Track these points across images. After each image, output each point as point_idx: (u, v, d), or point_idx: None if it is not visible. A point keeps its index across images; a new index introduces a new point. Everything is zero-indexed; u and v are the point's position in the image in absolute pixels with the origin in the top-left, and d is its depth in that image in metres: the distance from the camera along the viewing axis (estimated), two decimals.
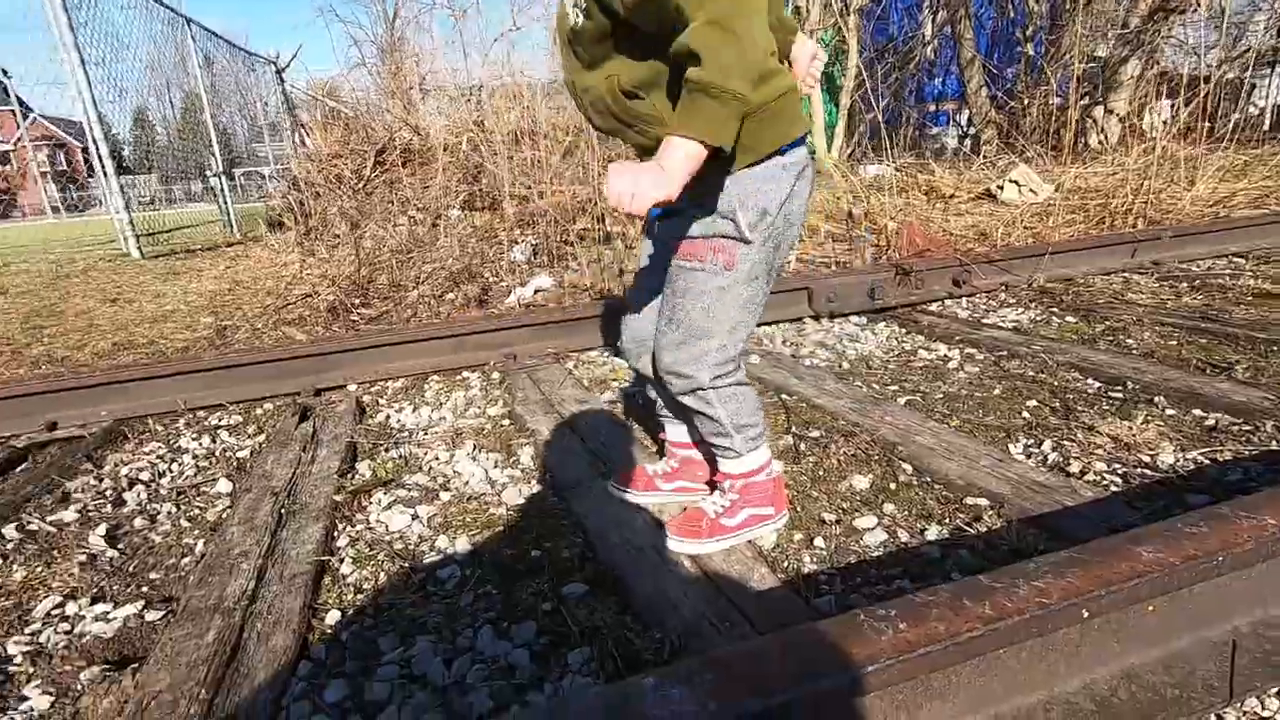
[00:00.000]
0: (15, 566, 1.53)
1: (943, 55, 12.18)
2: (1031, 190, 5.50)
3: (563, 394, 2.36)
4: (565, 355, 2.87)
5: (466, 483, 1.79)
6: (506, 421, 2.22)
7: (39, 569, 1.51)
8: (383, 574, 1.41)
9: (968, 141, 10.87)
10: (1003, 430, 1.85)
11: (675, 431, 1.54)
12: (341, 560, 1.46)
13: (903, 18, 11.75)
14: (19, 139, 44.47)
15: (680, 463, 1.56)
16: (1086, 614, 0.81)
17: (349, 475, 1.88)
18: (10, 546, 1.61)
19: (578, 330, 2.93)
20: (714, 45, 0.95)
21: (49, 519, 1.74)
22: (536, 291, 3.83)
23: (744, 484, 1.36)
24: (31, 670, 1.19)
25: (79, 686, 1.14)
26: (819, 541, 1.39)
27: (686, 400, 1.30)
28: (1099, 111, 8.65)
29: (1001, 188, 5.66)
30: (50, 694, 1.13)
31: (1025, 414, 1.94)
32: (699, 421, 1.34)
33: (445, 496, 1.73)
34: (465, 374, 2.75)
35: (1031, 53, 9.87)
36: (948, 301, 3.35)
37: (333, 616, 1.28)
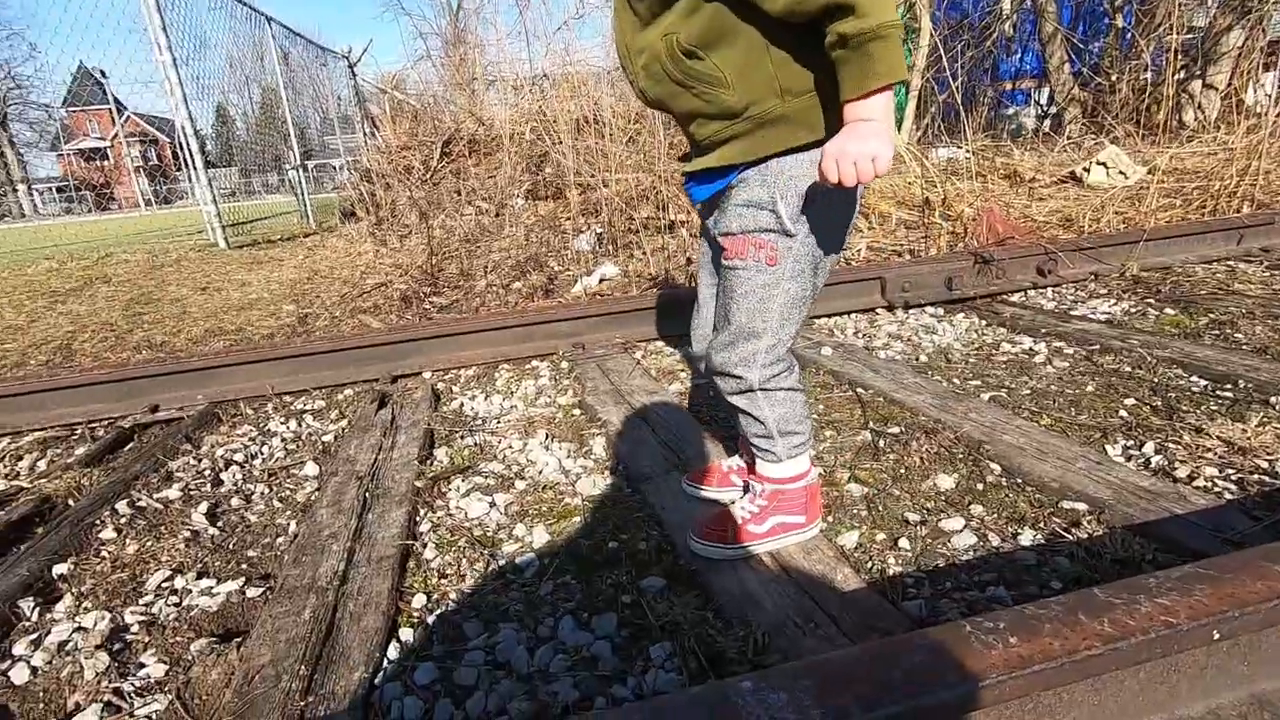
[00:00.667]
0: (128, 540, 1.64)
1: (1021, 30, 11.56)
2: (1121, 173, 5.18)
3: (632, 384, 2.36)
4: (633, 345, 2.87)
5: (541, 472, 1.82)
6: (577, 411, 2.24)
7: (149, 543, 1.61)
8: (464, 560, 1.44)
9: (1048, 121, 10.31)
10: (1098, 430, 1.75)
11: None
12: (425, 545, 1.51)
13: None
14: (115, 135, 47.37)
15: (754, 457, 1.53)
16: (1217, 636, 0.75)
17: (428, 461, 1.94)
18: (123, 521, 1.73)
19: (644, 320, 2.93)
20: None
21: (155, 496, 1.85)
22: (602, 280, 3.84)
23: (775, 489, 1.32)
24: (147, 640, 1.28)
25: (189, 657, 1.21)
26: (904, 543, 1.34)
27: (735, 400, 1.27)
28: (1196, 86, 8.05)
29: (1088, 170, 5.34)
30: (165, 663, 1.20)
31: (1123, 413, 1.83)
32: (744, 421, 1.29)
33: (520, 485, 1.75)
34: (535, 363, 2.79)
35: (1121, 24, 9.25)
36: (1031, 292, 3.19)
37: (419, 600, 1.32)
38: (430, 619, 1.26)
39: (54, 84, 47.09)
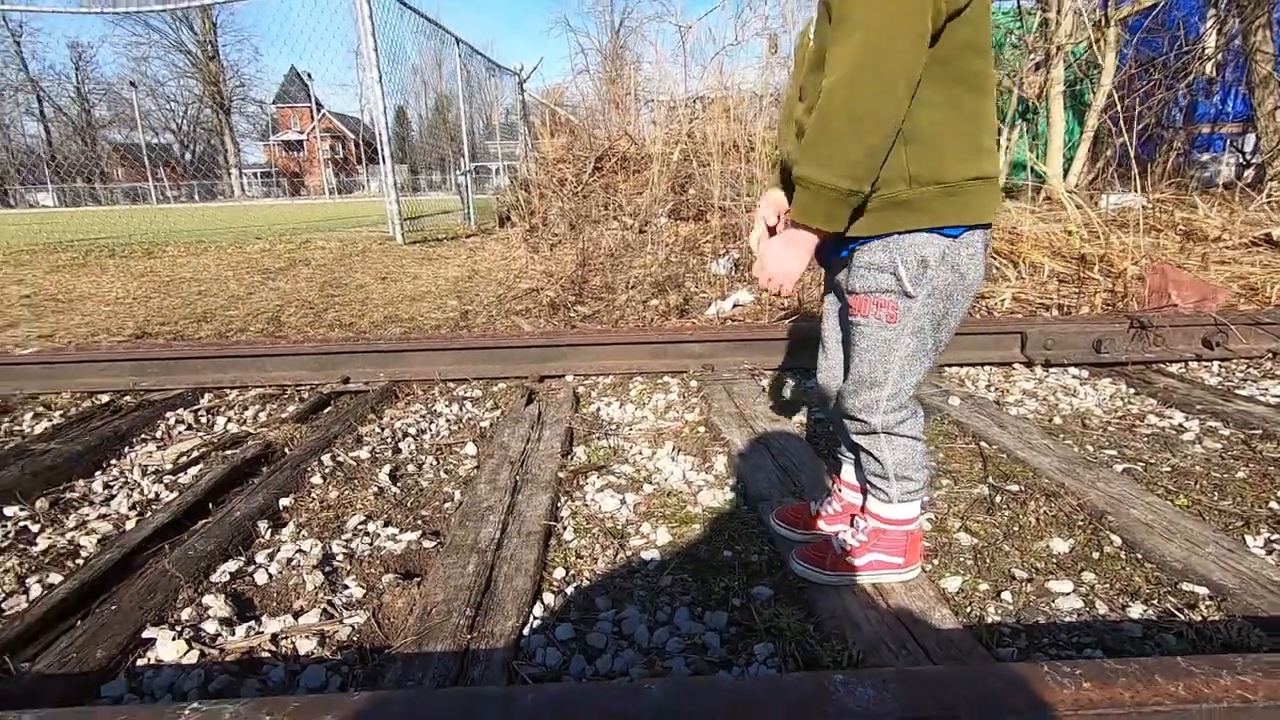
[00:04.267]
0: (331, 487, 2.01)
1: (1227, 70, 10.45)
2: None
3: (755, 409, 2.51)
4: (760, 372, 3.01)
5: (666, 479, 2.02)
6: (702, 429, 2.42)
7: (346, 492, 1.97)
8: (597, 546, 1.66)
9: (1249, 173, 9.25)
10: (1240, 518, 1.69)
11: (847, 471, 1.58)
12: (565, 528, 1.75)
13: (1176, 26, 10.26)
14: (312, 130, 53.57)
15: (844, 506, 1.59)
16: None
17: (568, 456, 2.20)
18: (327, 471, 2.11)
19: (773, 350, 3.07)
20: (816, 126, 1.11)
21: (350, 455, 2.24)
22: (735, 306, 4.01)
23: (879, 528, 1.40)
24: (349, 568, 1.60)
25: (380, 586, 1.52)
26: (1006, 595, 1.41)
27: (860, 440, 1.37)
28: None
29: None
30: (363, 588, 1.51)
31: (1275, 504, 1.75)
32: (865, 460, 1.39)
33: (648, 489, 1.96)
34: (666, 378, 3.00)
35: None
36: (1194, 364, 3.00)
37: (559, 573, 1.55)
38: (568, 590, 1.49)
39: (269, 84, 54.15)
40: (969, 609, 1.38)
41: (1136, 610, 1.35)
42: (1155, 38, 10.47)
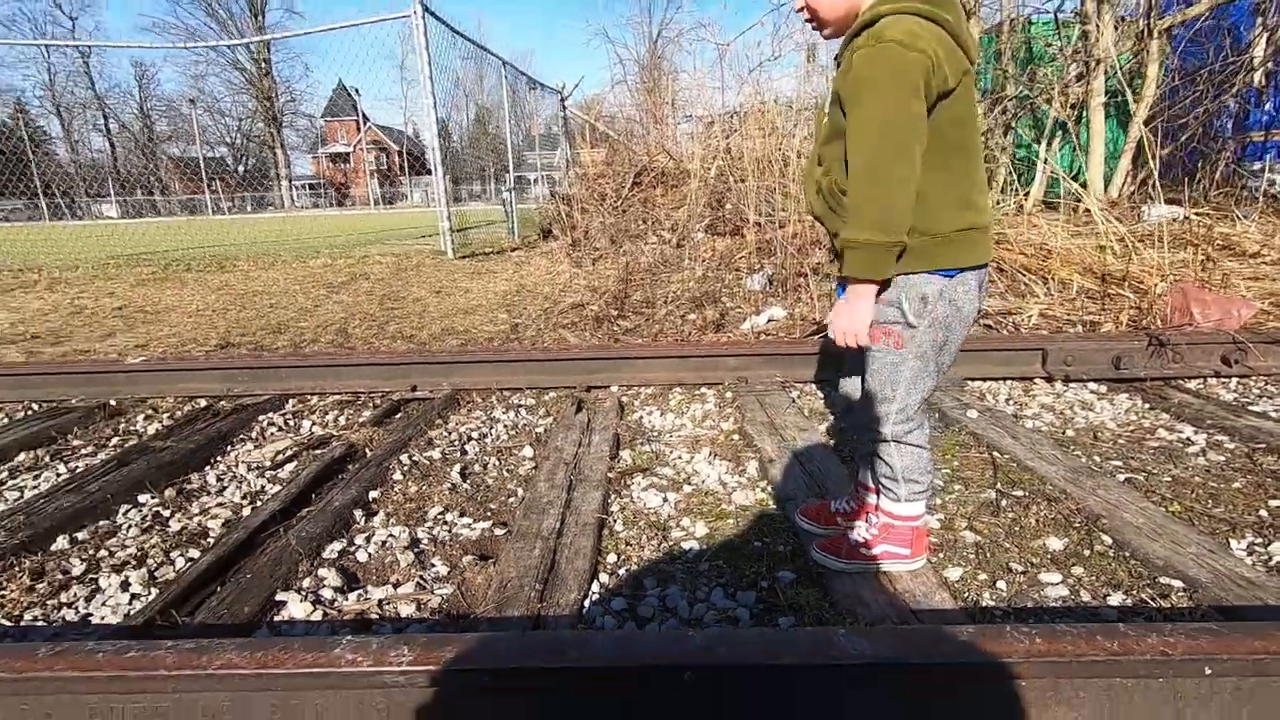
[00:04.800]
0: (410, 483, 2.31)
1: (1277, 78, 10.25)
2: None
3: (786, 419, 2.74)
4: (790, 385, 3.24)
5: (704, 481, 2.26)
6: (736, 436, 2.66)
7: (424, 487, 2.27)
8: (644, 537, 1.92)
9: None
10: (1228, 524, 1.86)
11: (864, 474, 1.76)
12: (615, 521, 2.01)
13: (1222, 35, 10.12)
14: (358, 143, 55.34)
15: (860, 504, 1.78)
16: (1209, 671, 1.01)
17: (616, 459, 2.46)
18: (405, 469, 2.42)
19: (803, 363, 3.29)
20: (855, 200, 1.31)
21: (423, 455, 2.54)
22: (769, 321, 4.23)
23: (887, 523, 1.61)
24: (433, 549, 1.89)
25: (461, 565, 1.79)
26: (1000, 584, 1.62)
27: (873, 447, 1.60)
28: None
29: None
30: (447, 566, 1.79)
31: (1263, 512, 1.92)
32: (877, 464, 1.60)
33: (687, 489, 2.21)
34: (703, 390, 3.25)
35: None
36: (1211, 380, 3.13)
37: (611, 558, 1.81)
38: (620, 572, 1.75)
39: (318, 98, 56.23)
40: (966, 594, 1.59)
41: (1116, 599, 1.54)
42: (1200, 47, 10.34)
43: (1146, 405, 2.85)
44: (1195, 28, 9.43)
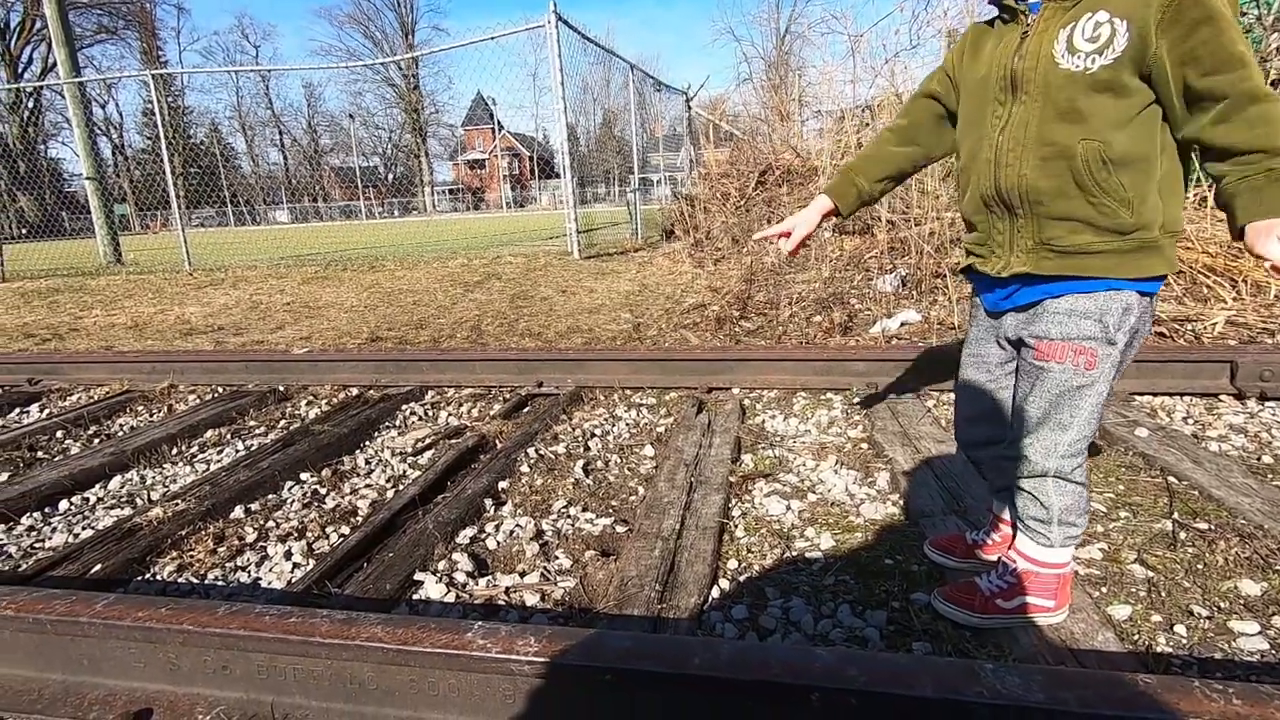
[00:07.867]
0: (536, 475, 2.39)
1: None
2: None
3: (920, 429, 2.57)
4: (925, 393, 3.04)
5: (830, 490, 2.17)
6: (865, 445, 2.53)
7: (549, 481, 2.34)
8: (766, 544, 1.87)
9: None
10: None
11: (1001, 507, 1.58)
12: (736, 526, 1.97)
13: None
14: (493, 149, 58.52)
15: (1003, 538, 1.59)
16: None
17: (737, 463, 2.41)
18: (532, 462, 2.50)
19: (939, 371, 3.07)
20: None
21: (549, 449, 2.62)
22: (902, 325, 4.00)
23: (1030, 570, 1.38)
24: (557, 542, 1.94)
25: (584, 560, 1.83)
26: (1180, 629, 1.42)
27: (1024, 483, 1.35)
28: None
29: None
30: (570, 559, 1.84)
31: None
32: (1025, 502, 1.36)
33: (812, 497, 2.13)
34: (829, 394, 3.12)
35: None
36: None
37: (732, 564, 1.78)
38: (741, 579, 1.71)
39: (458, 109, 60.01)
40: (1136, 637, 1.41)
41: None
42: None
43: None
44: None
